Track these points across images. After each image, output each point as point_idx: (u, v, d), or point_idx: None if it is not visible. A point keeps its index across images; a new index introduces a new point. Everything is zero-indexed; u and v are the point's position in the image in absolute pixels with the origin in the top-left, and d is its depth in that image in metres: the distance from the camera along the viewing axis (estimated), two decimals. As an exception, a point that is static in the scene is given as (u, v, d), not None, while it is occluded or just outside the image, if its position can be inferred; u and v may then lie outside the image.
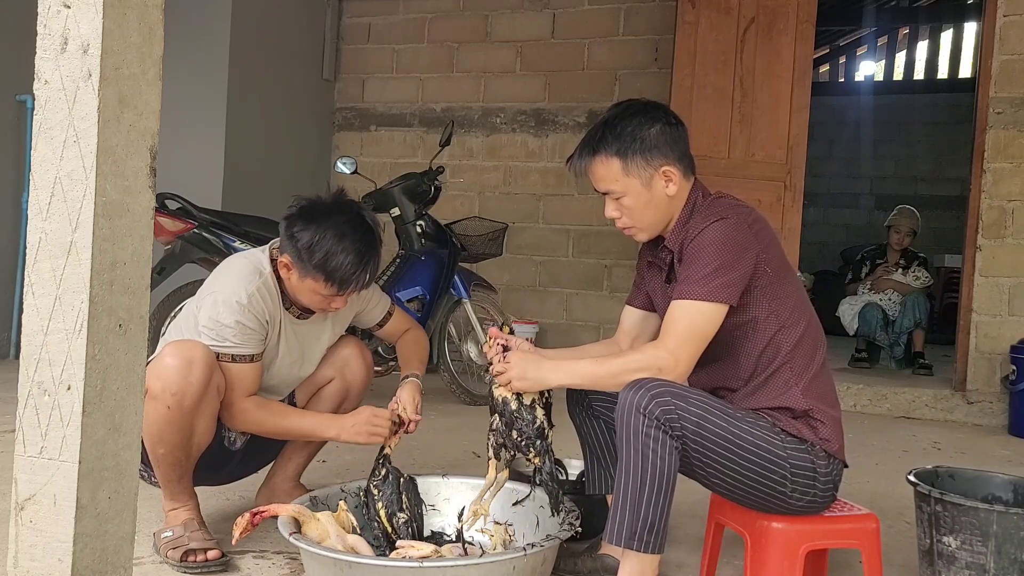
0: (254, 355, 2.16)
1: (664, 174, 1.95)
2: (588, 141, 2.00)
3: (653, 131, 1.95)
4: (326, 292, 2.15)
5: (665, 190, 1.96)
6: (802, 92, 5.03)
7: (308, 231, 2.12)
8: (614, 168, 1.96)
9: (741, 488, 1.87)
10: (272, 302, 2.20)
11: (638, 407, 1.77)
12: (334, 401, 2.42)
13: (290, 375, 2.34)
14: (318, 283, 2.13)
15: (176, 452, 2.08)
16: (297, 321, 2.29)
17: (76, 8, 1.28)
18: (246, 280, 2.16)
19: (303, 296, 2.20)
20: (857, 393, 5.11)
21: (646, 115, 1.97)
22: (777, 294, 1.92)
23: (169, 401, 2.01)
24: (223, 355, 2.11)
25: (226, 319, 2.10)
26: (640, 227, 2.02)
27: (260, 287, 2.17)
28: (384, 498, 2.13)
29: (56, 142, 1.30)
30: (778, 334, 1.91)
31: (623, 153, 1.95)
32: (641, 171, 1.95)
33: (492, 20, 6.05)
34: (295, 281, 2.17)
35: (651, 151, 1.95)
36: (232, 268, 2.23)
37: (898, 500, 2.89)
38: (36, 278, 1.32)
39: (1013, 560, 1.82)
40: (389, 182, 4.50)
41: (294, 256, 2.13)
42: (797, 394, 1.89)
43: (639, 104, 2.02)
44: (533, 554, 1.82)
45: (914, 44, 10.79)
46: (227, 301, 2.11)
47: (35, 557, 1.31)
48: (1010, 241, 4.80)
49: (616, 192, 1.98)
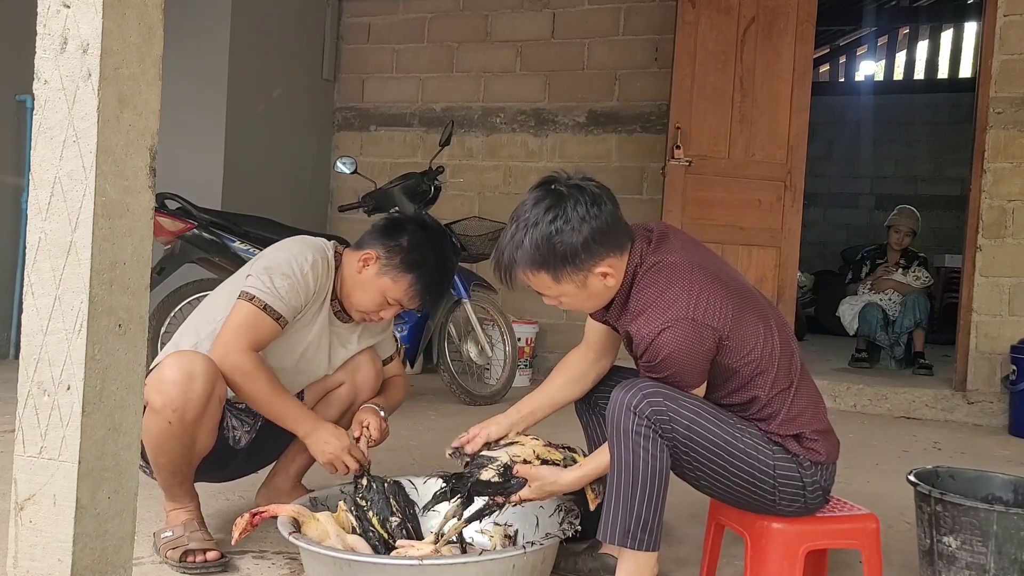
0: (282, 317, 2.15)
1: (599, 274, 1.84)
2: (509, 254, 1.84)
3: (579, 236, 1.78)
4: (395, 296, 2.23)
5: (603, 282, 1.86)
6: (802, 92, 5.03)
7: (415, 235, 2.25)
8: (544, 279, 1.85)
9: (729, 492, 1.88)
10: (326, 280, 2.25)
11: (629, 406, 1.77)
12: (342, 405, 2.41)
13: (308, 367, 2.34)
14: (397, 283, 2.21)
15: (177, 461, 2.09)
16: (335, 319, 2.32)
17: (76, 8, 1.28)
18: (315, 251, 2.23)
19: (363, 295, 2.24)
20: (857, 393, 5.10)
21: (563, 216, 1.78)
22: (744, 343, 1.83)
23: (170, 417, 2.00)
24: (258, 300, 2.11)
25: (284, 268, 2.15)
26: (583, 311, 2.01)
27: (322, 260, 2.23)
28: (374, 506, 2.12)
29: (56, 142, 1.30)
30: (754, 380, 1.86)
31: (547, 266, 1.82)
32: (573, 277, 1.83)
33: (492, 20, 6.05)
34: (367, 276, 2.23)
35: (578, 256, 1.80)
36: (303, 240, 2.30)
37: (898, 500, 2.89)
38: (36, 278, 1.32)
39: (1013, 560, 1.82)
40: (389, 182, 4.50)
41: (387, 251, 2.22)
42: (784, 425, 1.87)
43: (554, 197, 1.81)
44: (533, 552, 1.82)
45: (914, 44, 10.79)
46: (292, 255, 2.18)
47: (35, 557, 1.31)
48: (1010, 241, 4.80)
49: (551, 297, 1.91)
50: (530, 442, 2.05)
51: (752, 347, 1.84)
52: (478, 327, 4.65)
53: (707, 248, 2.01)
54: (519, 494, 1.98)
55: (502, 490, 1.99)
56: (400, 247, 2.22)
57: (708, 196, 5.02)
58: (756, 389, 1.86)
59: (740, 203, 5.03)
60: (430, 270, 2.23)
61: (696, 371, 1.82)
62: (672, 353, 1.77)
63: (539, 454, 2.01)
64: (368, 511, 2.12)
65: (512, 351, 4.87)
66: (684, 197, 5.00)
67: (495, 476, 1.99)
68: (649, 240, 1.91)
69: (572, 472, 1.98)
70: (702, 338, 1.78)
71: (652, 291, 1.83)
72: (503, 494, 2.00)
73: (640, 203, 5.51)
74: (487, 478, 1.99)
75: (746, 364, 1.84)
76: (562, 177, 1.87)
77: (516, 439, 2.07)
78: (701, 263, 1.88)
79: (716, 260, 1.96)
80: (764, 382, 1.86)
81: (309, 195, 6.22)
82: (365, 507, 2.12)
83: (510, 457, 2.00)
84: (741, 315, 1.84)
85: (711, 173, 5.02)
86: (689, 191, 5.01)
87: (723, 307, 1.81)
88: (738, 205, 5.03)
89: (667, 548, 2.27)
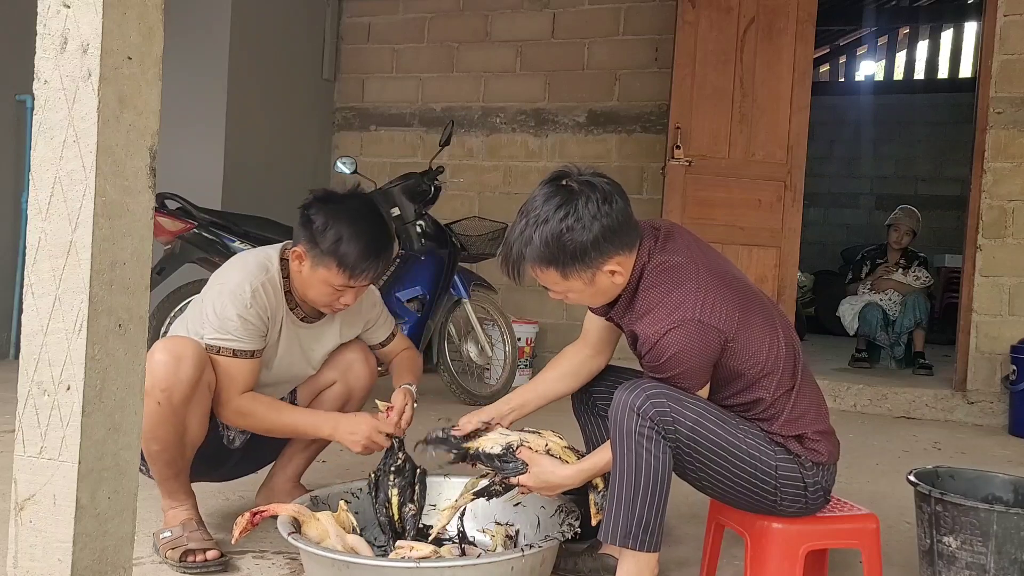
0: (254, 351, 2.15)
1: (607, 271, 1.83)
2: (518, 250, 1.83)
3: (589, 234, 1.78)
4: (337, 281, 2.13)
5: (611, 280, 1.85)
6: (802, 92, 5.03)
7: (322, 215, 2.13)
8: (552, 275, 1.84)
9: (731, 493, 1.89)
10: (275, 299, 2.19)
11: (632, 407, 1.77)
12: (336, 404, 2.41)
13: (288, 374, 2.34)
14: (330, 270, 2.12)
15: (170, 449, 2.08)
16: (300, 323, 2.29)
17: (76, 8, 1.28)
18: (251, 275, 2.16)
19: (312, 291, 2.19)
20: (857, 393, 5.10)
21: (574, 214, 1.78)
22: (749, 345, 1.83)
23: (159, 397, 2.01)
24: (224, 349, 2.11)
25: (229, 312, 2.10)
26: (589, 306, 2.00)
27: (265, 283, 2.17)
28: (399, 486, 2.12)
29: (56, 142, 1.30)
30: (759, 382, 1.86)
31: (556, 263, 1.81)
32: (581, 274, 1.83)
33: (492, 20, 6.04)
34: (306, 273, 2.17)
35: (587, 254, 1.79)
36: (239, 263, 2.24)
37: (898, 500, 2.89)
38: (36, 278, 1.32)
39: (1013, 560, 1.82)
40: (389, 182, 4.50)
41: (307, 241, 2.14)
42: (787, 426, 1.88)
43: (565, 194, 1.80)
44: (531, 555, 1.82)
45: (914, 44, 10.79)
46: (232, 293, 2.12)
47: (35, 557, 1.31)
48: (1010, 241, 4.80)
49: (558, 292, 1.90)
50: (549, 437, 2.05)
51: (757, 349, 1.84)
52: (478, 327, 4.65)
53: (712, 248, 2.01)
54: (519, 478, 1.98)
55: (502, 466, 1.99)
56: (315, 232, 2.12)
57: (708, 196, 5.02)
58: (760, 391, 1.86)
59: (740, 203, 5.03)
60: (353, 240, 2.10)
61: (700, 373, 1.82)
62: (677, 354, 1.77)
63: (551, 449, 2.01)
64: (393, 487, 2.11)
65: (512, 351, 4.87)
66: (684, 197, 5.00)
67: (498, 449, 2.00)
68: (656, 238, 1.90)
69: (571, 467, 1.99)
70: (707, 340, 1.78)
71: (658, 291, 1.83)
72: (502, 472, 2.00)
73: (640, 203, 5.51)
74: (489, 448, 2.01)
75: (752, 366, 1.84)
76: (573, 172, 1.85)
77: (537, 430, 2.08)
78: (707, 264, 1.88)
79: (721, 260, 1.96)
80: (769, 384, 1.86)
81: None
82: (391, 483, 2.12)
83: (520, 440, 2.01)
84: (747, 317, 1.84)
85: (711, 173, 5.02)
86: (689, 191, 5.01)
87: (729, 309, 1.81)
88: (738, 205, 5.03)
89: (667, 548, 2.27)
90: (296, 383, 2.39)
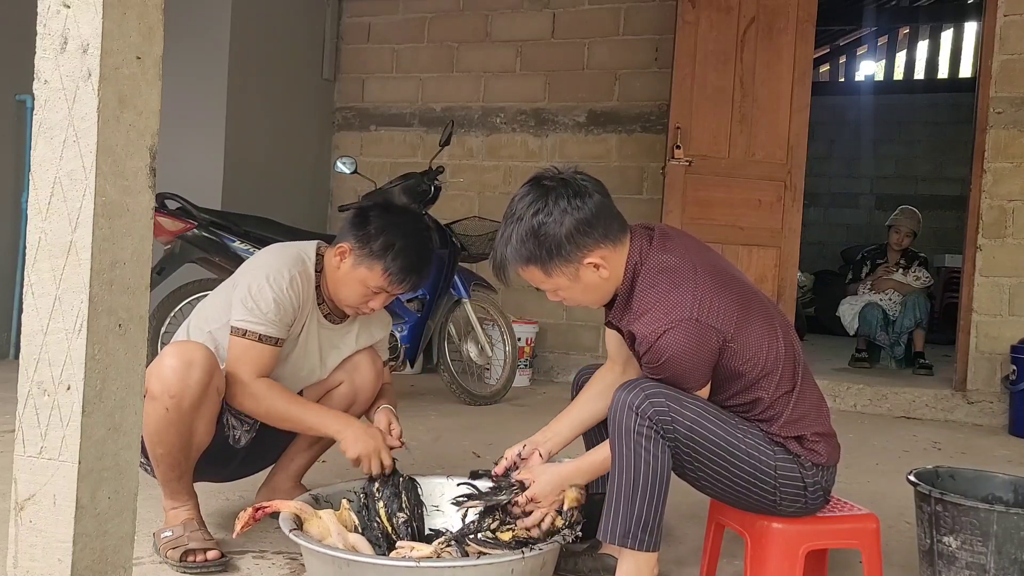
0: (278, 339, 2.17)
1: (589, 265, 1.84)
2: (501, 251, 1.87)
3: (562, 227, 1.79)
4: (374, 283, 2.20)
5: (596, 274, 1.85)
6: (802, 92, 5.03)
7: (381, 220, 2.22)
8: (535, 273, 1.86)
9: (731, 492, 1.88)
10: (307, 291, 2.23)
11: (631, 406, 1.77)
12: (342, 405, 2.41)
13: (300, 373, 2.34)
14: (373, 270, 2.19)
15: (175, 453, 2.09)
16: (324, 322, 2.32)
17: (76, 8, 1.28)
18: (291, 262, 2.21)
19: (345, 289, 2.23)
20: (857, 393, 5.10)
21: (545, 209, 1.80)
22: (749, 345, 1.83)
23: (168, 403, 2.01)
24: (251, 333, 2.12)
25: (267, 294, 2.13)
26: (586, 306, 1.99)
27: (301, 272, 2.22)
28: (384, 497, 2.13)
29: (56, 142, 1.30)
30: (759, 382, 1.86)
31: (536, 260, 1.83)
32: (563, 269, 1.84)
33: (492, 20, 6.04)
34: (344, 270, 2.21)
35: (565, 249, 1.81)
36: (278, 250, 2.28)
37: (898, 500, 2.89)
38: (36, 278, 1.32)
39: (1013, 560, 1.82)
40: (389, 182, 4.50)
41: (357, 241, 2.20)
42: (787, 427, 1.87)
43: (539, 191, 1.83)
44: (532, 557, 1.82)
45: (914, 44, 10.80)
46: (271, 277, 2.16)
47: (35, 557, 1.31)
48: (1010, 241, 4.80)
49: (549, 292, 1.91)
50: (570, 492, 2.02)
51: (757, 350, 1.84)
52: (478, 327, 4.65)
53: (710, 248, 2.00)
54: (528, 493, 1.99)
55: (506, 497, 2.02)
56: (368, 234, 2.20)
57: (708, 196, 5.02)
58: (760, 391, 1.86)
59: (740, 203, 5.03)
60: (403, 251, 2.19)
61: (699, 372, 1.82)
62: (675, 354, 1.77)
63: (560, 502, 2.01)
64: (378, 501, 2.12)
65: (512, 351, 4.87)
66: (684, 197, 5.00)
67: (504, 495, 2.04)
68: (650, 238, 1.90)
69: (569, 464, 2.01)
70: (706, 339, 1.78)
71: (656, 292, 1.83)
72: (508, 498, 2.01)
73: (640, 203, 5.51)
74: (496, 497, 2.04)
75: (751, 367, 1.84)
76: (551, 172, 1.88)
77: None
78: (706, 264, 1.87)
79: (720, 261, 1.96)
80: (768, 384, 1.86)
81: (309, 195, 6.22)
82: (376, 496, 2.13)
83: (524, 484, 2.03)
84: (746, 317, 1.84)
85: (711, 173, 5.02)
86: (689, 191, 5.01)
87: (727, 309, 1.81)
88: (738, 205, 5.03)
89: (667, 548, 2.27)
90: (303, 385, 2.39)
